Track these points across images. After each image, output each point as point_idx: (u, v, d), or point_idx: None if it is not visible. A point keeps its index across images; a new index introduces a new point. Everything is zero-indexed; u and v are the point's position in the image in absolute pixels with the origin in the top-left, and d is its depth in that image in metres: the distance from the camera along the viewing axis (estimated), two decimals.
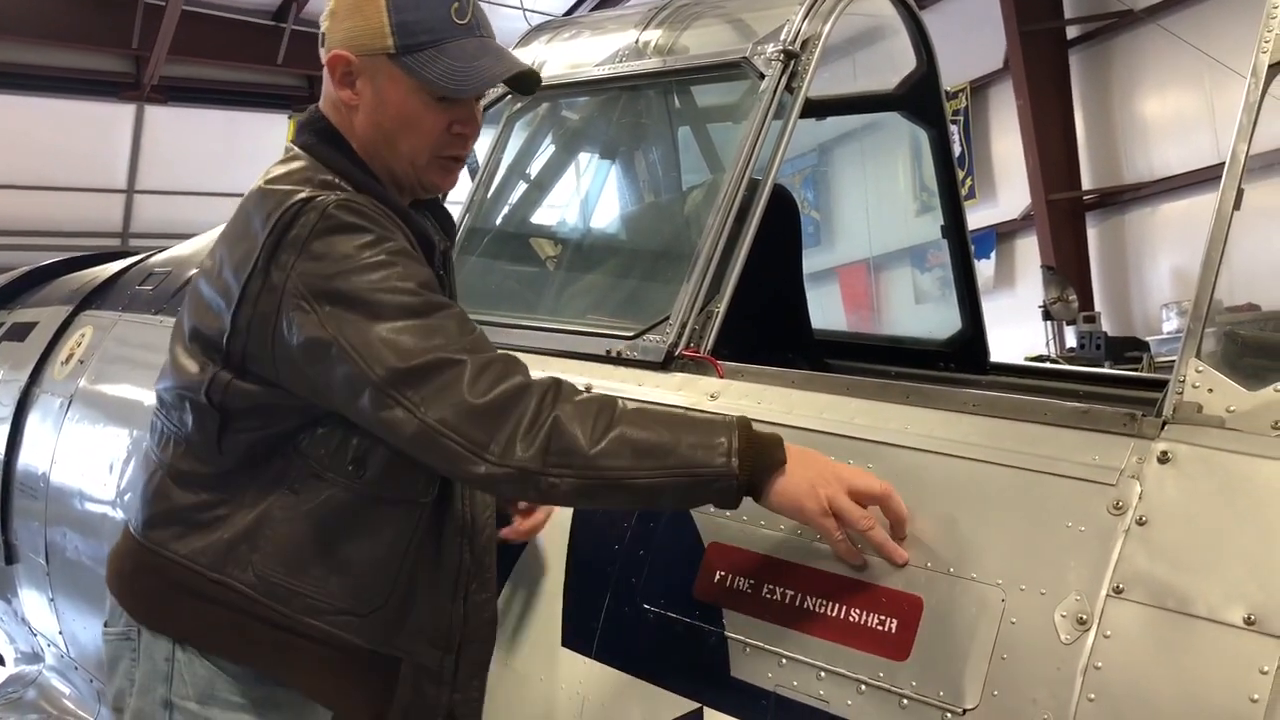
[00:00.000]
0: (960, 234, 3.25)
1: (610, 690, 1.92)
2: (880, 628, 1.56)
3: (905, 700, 1.54)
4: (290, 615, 1.66)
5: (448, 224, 1.91)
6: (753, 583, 1.75)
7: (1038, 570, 1.50)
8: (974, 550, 1.58)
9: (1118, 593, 1.43)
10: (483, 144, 2.93)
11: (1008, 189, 13.08)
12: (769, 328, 2.96)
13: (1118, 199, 12.20)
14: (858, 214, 12.04)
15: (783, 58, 2.30)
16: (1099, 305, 12.00)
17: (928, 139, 3.23)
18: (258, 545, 1.66)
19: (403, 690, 1.74)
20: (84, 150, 16.82)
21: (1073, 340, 10.93)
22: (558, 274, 2.88)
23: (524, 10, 9.65)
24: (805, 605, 1.64)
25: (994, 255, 13.04)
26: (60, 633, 3.56)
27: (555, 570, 2.05)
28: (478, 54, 1.68)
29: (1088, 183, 12.37)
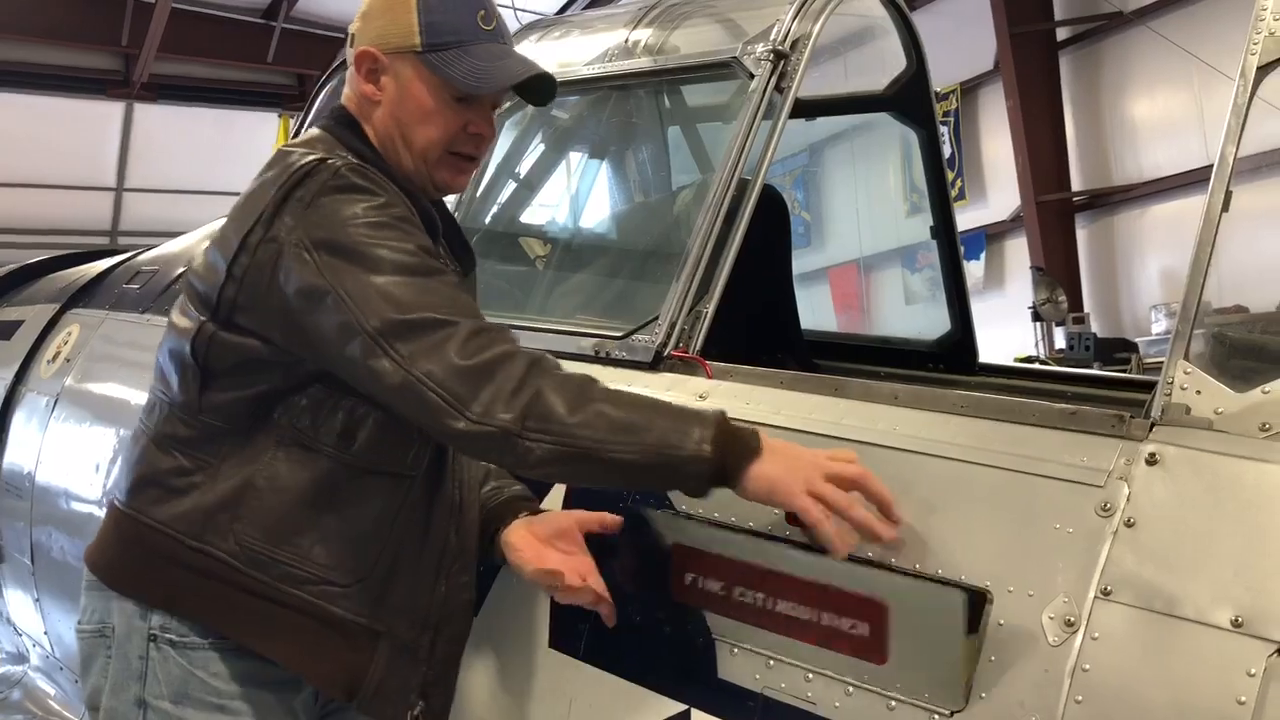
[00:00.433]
0: (949, 235, 3.25)
1: (598, 692, 1.91)
2: (868, 630, 1.55)
3: (893, 702, 1.54)
4: (271, 584, 1.66)
5: (465, 253, 1.93)
6: (734, 586, 1.74)
7: (1025, 572, 1.50)
8: (961, 552, 1.57)
9: (1106, 595, 1.42)
10: None
11: (997, 190, 13.12)
12: (758, 328, 2.96)
13: (1107, 200, 12.24)
14: (848, 215, 12.09)
15: (772, 58, 2.30)
16: (1088, 306, 12.05)
17: (918, 140, 3.23)
18: (240, 514, 1.66)
19: (378, 665, 1.72)
20: (73, 148, 16.78)
21: (1062, 341, 10.97)
22: (547, 273, 2.87)
23: (515, 10, 9.64)
24: (790, 609, 1.63)
25: (983, 256, 13.08)
26: (45, 633, 3.54)
27: None
28: (499, 56, 1.76)
29: (1077, 184, 12.41)
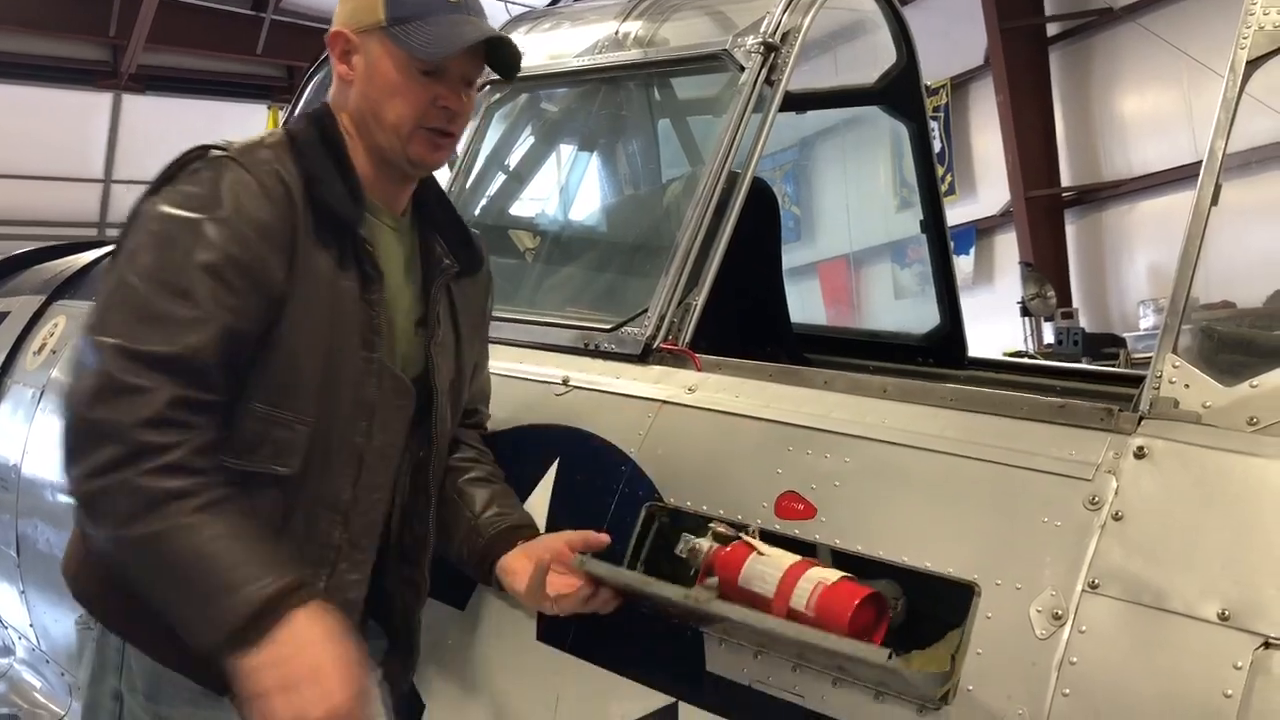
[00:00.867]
0: (939, 229, 3.26)
1: (585, 684, 1.91)
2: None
3: (880, 694, 1.54)
4: None
5: (465, 250, 1.92)
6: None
7: (1013, 565, 1.50)
8: (949, 545, 1.57)
9: (1093, 588, 1.42)
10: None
11: (987, 186, 13.14)
12: (748, 322, 2.96)
13: (1096, 196, 12.27)
14: (838, 210, 12.10)
15: (762, 50, 2.29)
16: (1076, 301, 12.08)
17: (908, 133, 3.23)
18: None
19: None
20: (60, 139, 16.68)
21: (1050, 336, 10.99)
22: (536, 266, 2.87)
23: (506, 2, 9.61)
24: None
25: (973, 251, 13.10)
26: (31, 625, 3.53)
27: None
28: (458, 25, 1.74)
29: (1066, 180, 12.44)
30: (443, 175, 2.86)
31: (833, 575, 1.59)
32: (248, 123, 15.31)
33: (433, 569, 1.96)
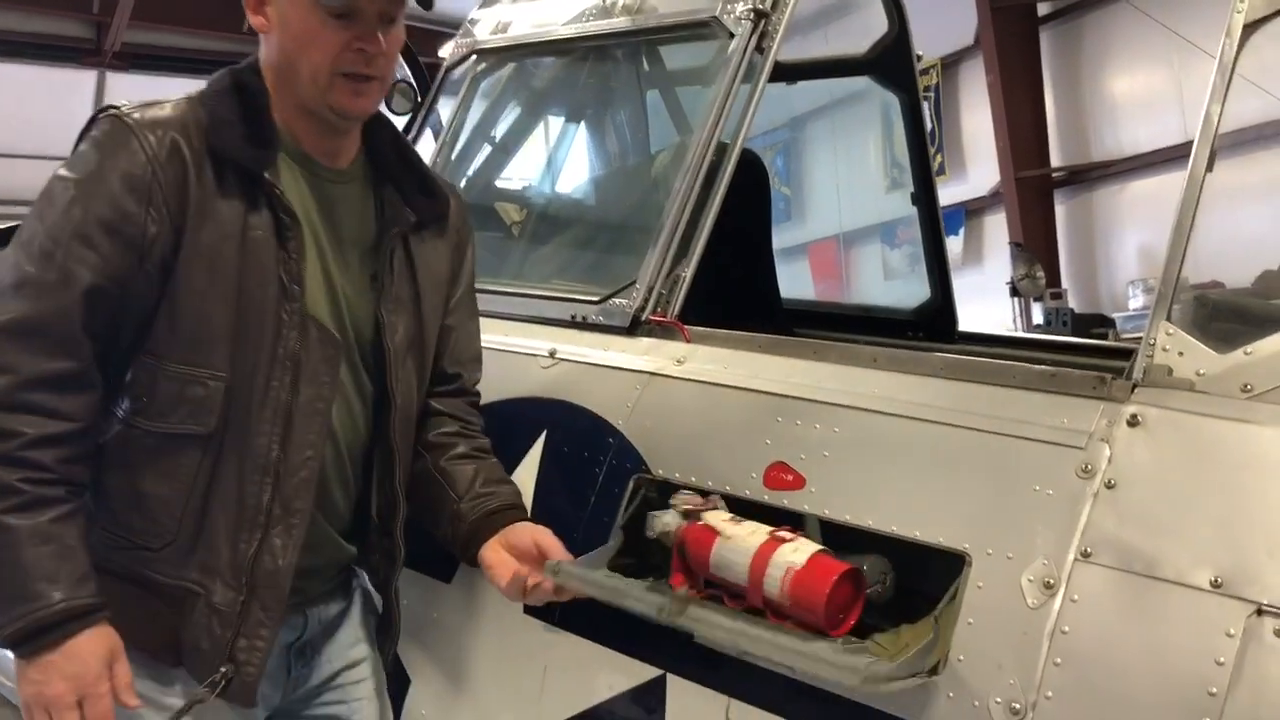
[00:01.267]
0: (930, 201, 3.24)
1: (572, 658, 1.90)
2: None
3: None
4: (105, 557, 1.65)
5: (425, 199, 1.87)
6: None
7: (1005, 534, 1.48)
8: (940, 514, 1.56)
9: (1085, 556, 1.41)
10: (446, 106, 2.88)
11: (977, 166, 13.12)
12: (737, 296, 2.93)
13: (1086, 176, 12.26)
14: (828, 190, 12.08)
15: (753, 17, 2.26)
16: (1066, 282, 12.08)
17: (899, 104, 3.20)
18: (96, 498, 1.70)
19: (194, 628, 1.68)
20: (43, 117, 16.47)
21: (1039, 317, 11.00)
22: (523, 238, 2.84)
23: None
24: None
25: (962, 232, 13.09)
26: None
27: None
28: None
29: (1056, 160, 12.42)
30: (427, 147, 2.84)
31: (802, 555, 1.56)
32: None
33: (419, 543, 1.93)
